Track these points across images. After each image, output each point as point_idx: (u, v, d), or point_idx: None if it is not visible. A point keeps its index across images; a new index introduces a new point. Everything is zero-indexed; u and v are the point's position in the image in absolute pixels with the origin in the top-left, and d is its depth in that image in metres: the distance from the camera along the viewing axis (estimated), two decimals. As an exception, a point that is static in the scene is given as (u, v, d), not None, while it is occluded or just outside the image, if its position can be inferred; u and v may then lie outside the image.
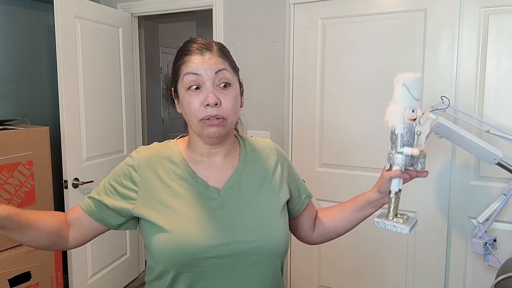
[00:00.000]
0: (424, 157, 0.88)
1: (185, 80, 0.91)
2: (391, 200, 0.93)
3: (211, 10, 2.57)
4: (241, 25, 2.48)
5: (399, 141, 0.86)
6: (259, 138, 1.10)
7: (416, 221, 0.92)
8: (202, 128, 0.91)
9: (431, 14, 1.98)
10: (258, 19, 2.43)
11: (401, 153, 0.87)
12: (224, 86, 0.91)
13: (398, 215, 0.92)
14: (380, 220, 0.92)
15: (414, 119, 0.85)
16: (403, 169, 0.89)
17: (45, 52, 2.73)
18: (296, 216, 1.10)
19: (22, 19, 2.59)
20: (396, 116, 0.85)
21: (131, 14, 2.87)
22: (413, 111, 0.84)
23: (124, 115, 2.83)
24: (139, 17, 2.99)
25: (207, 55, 0.92)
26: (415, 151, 0.85)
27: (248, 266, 0.91)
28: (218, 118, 0.90)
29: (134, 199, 0.94)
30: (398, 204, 0.93)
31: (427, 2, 1.98)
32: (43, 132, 2.24)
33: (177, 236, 0.88)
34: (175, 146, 1.00)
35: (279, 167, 1.04)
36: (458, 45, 1.95)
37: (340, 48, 2.21)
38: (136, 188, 0.94)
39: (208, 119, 0.89)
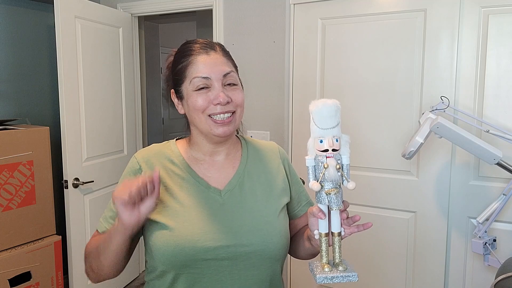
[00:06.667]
0: (336, 194, 0.75)
1: (194, 83, 0.91)
2: (320, 243, 0.80)
3: (211, 10, 2.57)
4: (241, 25, 2.48)
5: (310, 174, 0.76)
6: (262, 140, 1.10)
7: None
8: (210, 126, 0.91)
9: (431, 14, 1.98)
10: (258, 19, 2.43)
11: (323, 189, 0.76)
12: (230, 85, 0.93)
13: (336, 264, 0.80)
14: (322, 276, 0.76)
15: (324, 151, 0.74)
16: (326, 208, 0.78)
17: (45, 52, 2.73)
18: (291, 220, 1.07)
19: (22, 19, 2.59)
20: (308, 147, 0.77)
21: (131, 14, 2.87)
22: (321, 141, 0.75)
23: (124, 115, 2.83)
24: (139, 17, 2.99)
25: (212, 54, 0.93)
26: (314, 185, 0.74)
27: (246, 269, 0.91)
28: (229, 115, 0.91)
29: None
30: (338, 249, 0.81)
31: (427, 2, 1.98)
32: (44, 132, 2.24)
33: (177, 236, 0.88)
34: (175, 147, 1.00)
35: (281, 170, 1.04)
36: (458, 45, 1.95)
37: (340, 48, 2.21)
38: None
39: (219, 118, 0.90)
